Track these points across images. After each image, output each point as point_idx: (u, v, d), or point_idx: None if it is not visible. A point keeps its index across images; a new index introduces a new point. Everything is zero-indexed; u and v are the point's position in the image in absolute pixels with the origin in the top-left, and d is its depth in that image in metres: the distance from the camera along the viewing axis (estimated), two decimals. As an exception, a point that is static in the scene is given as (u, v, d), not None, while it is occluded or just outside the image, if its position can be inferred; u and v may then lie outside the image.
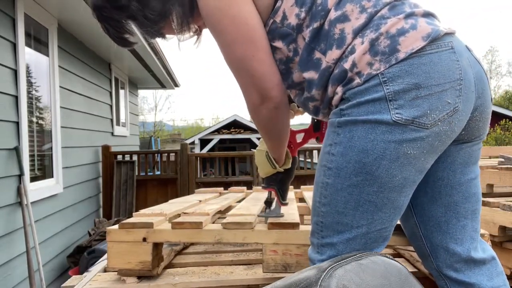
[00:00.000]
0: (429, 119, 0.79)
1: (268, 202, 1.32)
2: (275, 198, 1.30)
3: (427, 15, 0.86)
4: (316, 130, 1.28)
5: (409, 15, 0.83)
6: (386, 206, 0.84)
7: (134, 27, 0.99)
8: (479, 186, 0.99)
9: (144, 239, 1.19)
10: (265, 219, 1.32)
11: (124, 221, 1.22)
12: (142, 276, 1.21)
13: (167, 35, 1.03)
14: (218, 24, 0.89)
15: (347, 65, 0.83)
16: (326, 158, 0.88)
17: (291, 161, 1.24)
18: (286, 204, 1.30)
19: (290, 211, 1.46)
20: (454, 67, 0.81)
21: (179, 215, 1.42)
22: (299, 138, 1.29)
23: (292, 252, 1.18)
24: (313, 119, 1.27)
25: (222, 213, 1.75)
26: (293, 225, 1.20)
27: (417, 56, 0.79)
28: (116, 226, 1.22)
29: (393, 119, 0.79)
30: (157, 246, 1.23)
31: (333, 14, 0.86)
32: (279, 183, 1.26)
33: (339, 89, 0.85)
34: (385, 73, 0.80)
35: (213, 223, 1.51)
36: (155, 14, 0.93)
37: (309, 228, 1.22)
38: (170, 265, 1.37)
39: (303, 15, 0.88)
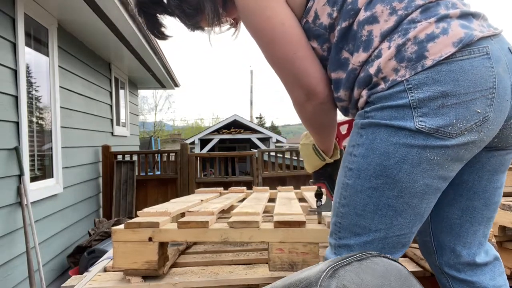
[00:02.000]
0: (455, 129, 0.76)
1: (318, 194, 1.31)
2: (325, 193, 1.29)
3: (465, 16, 0.81)
4: None
5: (441, 18, 0.79)
6: (406, 211, 0.83)
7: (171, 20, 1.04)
8: (501, 194, 0.97)
9: (150, 239, 1.18)
10: (317, 214, 1.33)
11: (130, 221, 1.21)
12: (144, 276, 1.21)
13: (205, 28, 1.04)
14: (254, 26, 0.89)
15: (372, 70, 0.82)
16: (348, 159, 0.87)
17: (339, 152, 1.22)
18: None
19: (293, 209, 1.46)
20: (487, 74, 0.77)
21: (183, 214, 1.42)
22: (343, 129, 1.27)
23: (298, 251, 1.18)
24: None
25: (224, 212, 1.75)
26: (299, 223, 1.20)
27: (446, 63, 0.76)
28: (122, 226, 1.22)
29: (416, 127, 0.77)
30: (162, 246, 1.23)
31: (362, 15, 0.83)
32: (328, 178, 1.24)
33: (364, 93, 0.84)
34: (410, 80, 0.77)
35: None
36: (191, 8, 0.96)
37: (315, 226, 1.22)
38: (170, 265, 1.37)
39: (335, 14, 0.86)
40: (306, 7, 0.89)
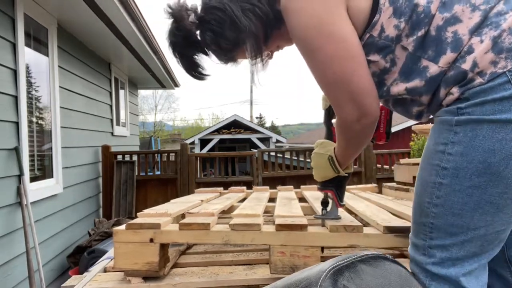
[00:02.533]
0: None
1: (324, 203, 1.29)
2: (331, 200, 1.27)
3: None
4: None
5: None
6: (508, 206, 0.80)
7: (206, 57, 1.04)
8: None
9: (151, 240, 1.18)
10: (322, 221, 1.31)
11: (131, 222, 1.21)
12: (144, 277, 1.21)
13: (239, 60, 1.05)
14: (313, 43, 0.87)
15: (466, 65, 0.80)
16: (439, 157, 0.84)
17: (352, 165, 1.21)
18: (343, 206, 1.27)
19: (294, 210, 1.45)
20: None
21: (183, 215, 1.42)
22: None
23: (300, 254, 1.18)
24: None
25: (224, 213, 1.74)
26: (301, 227, 1.19)
27: None
28: (123, 227, 1.22)
29: None
30: (163, 247, 1.22)
31: (440, 18, 0.83)
32: (337, 185, 1.22)
33: (455, 90, 0.83)
34: None
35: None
36: (229, 43, 0.96)
37: (316, 230, 1.21)
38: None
39: (402, 25, 0.86)
40: (371, 22, 0.88)
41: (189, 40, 0.99)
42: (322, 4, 0.86)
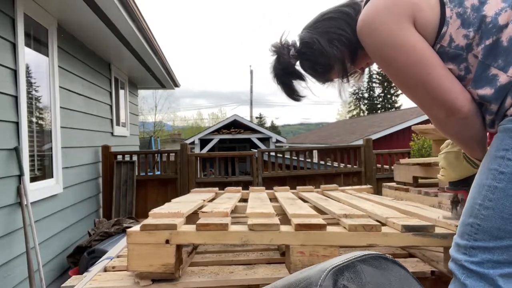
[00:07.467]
0: None
1: (455, 202, 1.28)
2: (462, 201, 1.25)
3: None
4: None
5: None
6: None
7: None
8: None
9: (167, 241, 1.16)
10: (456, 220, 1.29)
11: (145, 223, 1.19)
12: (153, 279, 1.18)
13: (335, 79, 1.19)
14: (386, 56, 0.96)
15: None
16: (498, 162, 0.87)
17: None
18: None
19: (305, 210, 1.44)
20: None
21: (190, 216, 1.40)
22: None
23: (319, 253, 1.18)
24: None
25: (232, 213, 1.74)
26: (320, 226, 1.19)
27: None
28: (138, 228, 1.20)
29: None
30: (179, 248, 1.21)
31: None
32: (470, 185, 1.22)
33: None
34: None
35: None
36: (322, 68, 1.12)
37: (335, 229, 1.22)
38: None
39: (472, 34, 0.91)
40: (440, 33, 0.93)
41: (287, 71, 1.17)
42: (391, 22, 0.93)
